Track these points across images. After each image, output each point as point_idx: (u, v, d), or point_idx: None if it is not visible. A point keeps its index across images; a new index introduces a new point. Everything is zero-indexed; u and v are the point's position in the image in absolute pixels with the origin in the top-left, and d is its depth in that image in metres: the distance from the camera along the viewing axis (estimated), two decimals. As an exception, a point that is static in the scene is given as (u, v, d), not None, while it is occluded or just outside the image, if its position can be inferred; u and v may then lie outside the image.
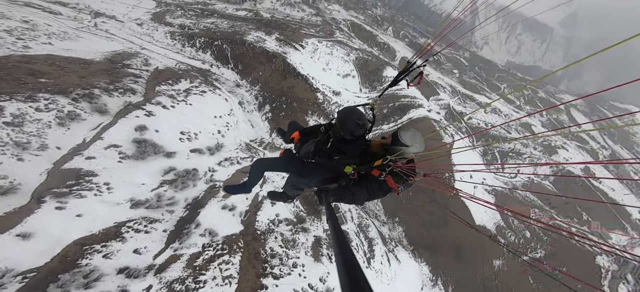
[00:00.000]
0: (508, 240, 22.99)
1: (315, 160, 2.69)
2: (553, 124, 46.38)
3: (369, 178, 2.49)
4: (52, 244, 10.06)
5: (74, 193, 11.82)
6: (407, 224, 23.81)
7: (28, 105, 14.20)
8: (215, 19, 40.62)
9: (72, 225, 10.86)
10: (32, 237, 9.87)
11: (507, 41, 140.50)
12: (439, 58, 54.88)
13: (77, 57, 22.60)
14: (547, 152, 34.37)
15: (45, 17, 28.11)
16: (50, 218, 10.63)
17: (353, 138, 2.50)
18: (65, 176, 12.36)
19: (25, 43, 22.05)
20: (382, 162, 2.32)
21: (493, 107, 38.14)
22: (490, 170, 28.96)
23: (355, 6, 69.11)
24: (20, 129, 12.90)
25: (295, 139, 3.20)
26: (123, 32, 31.84)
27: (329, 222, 1.38)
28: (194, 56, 32.98)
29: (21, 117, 13.41)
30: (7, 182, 11.07)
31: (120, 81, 20.77)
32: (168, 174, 15.55)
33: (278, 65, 32.09)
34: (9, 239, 9.51)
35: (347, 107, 2.60)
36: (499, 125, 33.22)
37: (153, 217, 13.09)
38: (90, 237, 10.85)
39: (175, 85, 23.80)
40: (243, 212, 16.38)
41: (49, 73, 17.96)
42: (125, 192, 13.19)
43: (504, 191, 27.38)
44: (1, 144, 12.01)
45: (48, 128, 13.77)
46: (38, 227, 10.18)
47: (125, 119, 16.97)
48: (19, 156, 12.07)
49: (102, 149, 14.36)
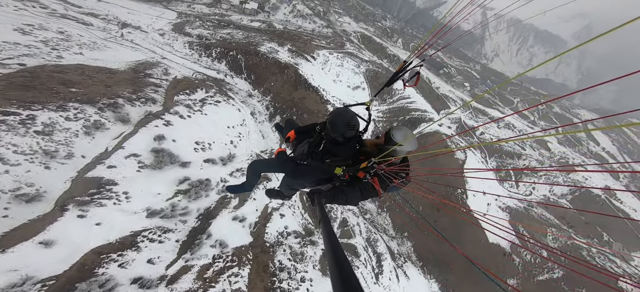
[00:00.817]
0: (523, 259, 21.70)
1: (308, 162, 2.63)
2: (570, 142, 44.22)
3: (361, 179, 2.43)
4: (72, 252, 10.24)
5: (95, 202, 12.09)
6: (416, 239, 23.03)
7: (59, 114, 14.85)
8: (231, 30, 41.85)
9: (91, 233, 11.05)
10: (54, 244, 10.09)
11: (518, 53, 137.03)
12: (449, 71, 54.03)
13: (104, 67, 23.69)
14: (563, 171, 32.73)
15: (78, 28, 29.84)
16: (72, 226, 10.87)
17: (344, 140, 2.44)
18: (88, 184, 12.70)
19: (59, 53, 23.37)
20: (367, 165, 2.28)
21: (506, 122, 36.81)
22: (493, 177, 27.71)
23: (366, 19, 69.59)
24: (49, 138, 13.44)
25: (291, 138, 3.15)
26: (146, 42, 33.28)
27: (321, 224, 1.34)
28: (209, 66, 33.93)
29: (51, 126, 14.00)
30: (32, 190, 11.46)
31: (142, 90, 21.52)
32: (182, 183, 15.73)
33: (290, 76, 32.44)
34: (31, 247, 9.76)
35: (338, 108, 2.52)
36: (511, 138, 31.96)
37: (167, 227, 13.18)
38: (107, 246, 10.99)
39: (192, 95, 24.41)
40: (253, 223, 16.27)
41: (79, 83, 18.84)
42: (142, 201, 13.39)
43: (518, 208, 26.11)
44: (30, 152, 12.52)
45: (75, 137, 14.30)
46: (60, 235, 10.42)
47: (146, 128, 17.44)
48: (46, 164, 12.53)
49: (122, 158, 14.73)
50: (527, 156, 31.90)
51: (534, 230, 23.56)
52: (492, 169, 28.71)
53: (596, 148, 46.96)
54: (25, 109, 14.30)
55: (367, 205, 25.13)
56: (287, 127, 3.59)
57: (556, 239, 22.92)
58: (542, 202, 27.86)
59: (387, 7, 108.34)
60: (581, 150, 43.11)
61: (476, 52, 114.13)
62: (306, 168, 2.68)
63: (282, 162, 2.85)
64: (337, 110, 2.46)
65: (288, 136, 3.16)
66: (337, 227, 19.83)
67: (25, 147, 12.48)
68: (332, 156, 2.52)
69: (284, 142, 3.30)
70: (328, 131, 2.46)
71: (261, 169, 3.11)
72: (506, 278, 20.08)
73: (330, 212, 20.76)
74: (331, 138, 2.46)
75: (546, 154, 33.66)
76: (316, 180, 2.80)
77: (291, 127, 3.39)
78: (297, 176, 2.84)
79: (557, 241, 23.17)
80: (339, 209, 21.80)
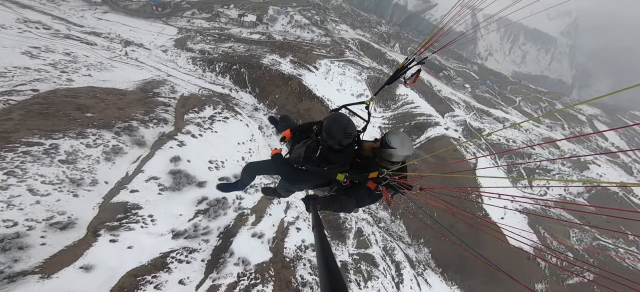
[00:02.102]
0: (549, 262, 20.94)
1: (305, 167, 2.59)
2: (579, 139, 45.16)
3: (359, 186, 2.43)
4: (110, 275, 10.95)
5: (124, 226, 12.83)
6: (433, 245, 23.39)
7: (79, 141, 15.65)
8: (232, 43, 43.22)
9: (125, 257, 11.77)
10: (93, 269, 10.80)
11: (511, 51, 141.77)
12: (449, 73, 55.89)
13: (113, 88, 24.59)
14: (577, 169, 32.86)
15: (83, 48, 30.80)
16: (106, 251, 11.60)
17: (341, 148, 2.39)
18: (114, 209, 13.45)
19: (68, 76, 24.24)
20: (379, 176, 2.26)
21: (512, 122, 37.93)
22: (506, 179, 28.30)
23: (362, 25, 71.98)
24: (74, 166, 14.22)
25: (286, 137, 3.09)
26: (151, 60, 34.32)
27: (314, 230, 1.34)
28: (214, 81, 35.02)
29: (74, 154, 14.79)
30: (64, 218, 12.19)
31: (153, 111, 22.41)
32: (201, 203, 16.52)
33: (294, 87, 33.69)
34: (73, 272, 10.46)
35: (334, 114, 2.44)
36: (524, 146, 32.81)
37: (192, 247, 13.92)
38: (141, 268, 11.71)
39: (200, 113, 25.36)
40: (271, 239, 17.05)
41: (93, 107, 19.69)
42: (166, 223, 14.15)
43: (536, 210, 25.41)
44: (58, 181, 13.27)
45: (97, 163, 15.09)
46: (97, 260, 11.13)
47: (161, 150, 18.28)
48: (74, 192, 13.28)
49: (143, 181, 15.52)
50: (537, 155, 32.08)
51: (556, 231, 22.92)
52: (488, 163, 29.57)
53: (605, 143, 48.15)
54: (47, 138, 15.09)
55: (381, 213, 25.99)
56: (282, 123, 3.53)
57: (580, 240, 22.19)
58: (559, 201, 26.93)
59: (379, 12, 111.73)
60: (590, 146, 43.67)
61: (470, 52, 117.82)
62: (303, 173, 2.63)
63: (278, 165, 2.79)
64: (333, 115, 2.41)
65: (283, 135, 3.10)
66: (352, 238, 20.63)
67: (52, 177, 13.24)
68: (328, 162, 2.46)
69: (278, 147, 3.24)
70: (324, 138, 2.38)
71: (257, 171, 3.07)
72: (533, 283, 19.54)
73: (345, 222, 21.59)
74: (327, 145, 2.40)
75: (556, 153, 34.36)
76: (314, 184, 2.80)
77: (286, 124, 3.35)
78: (294, 179, 2.80)
79: (581, 242, 22.44)
80: (353, 218, 22.65)
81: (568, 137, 39.45)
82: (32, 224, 11.14)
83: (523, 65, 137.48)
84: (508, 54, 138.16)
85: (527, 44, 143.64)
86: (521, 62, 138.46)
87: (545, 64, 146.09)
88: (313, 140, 2.67)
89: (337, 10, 75.22)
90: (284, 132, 3.11)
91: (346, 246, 19.80)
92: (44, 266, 10.24)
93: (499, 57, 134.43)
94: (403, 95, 36.64)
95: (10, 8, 33.30)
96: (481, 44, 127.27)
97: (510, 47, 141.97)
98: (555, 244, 22.40)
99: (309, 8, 62.95)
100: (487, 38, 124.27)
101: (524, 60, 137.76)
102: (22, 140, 14.10)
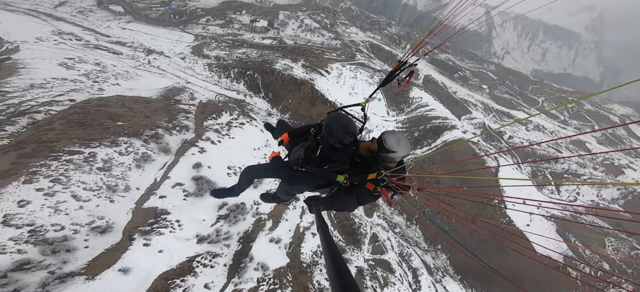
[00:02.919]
0: (581, 272, 19.83)
1: (306, 168, 2.60)
2: (610, 141, 42.23)
3: (360, 185, 2.44)
4: (144, 278, 11.86)
5: (155, 231, 13.80)
6: (451, 251, 22.91)
7: (113, 149, 16.93)
8: (245, 49, 44.49)
9: (157, 260, 12.68)
10: (130, 272, 11.75)
11: (530, 49, 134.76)
12: (464, 74, 54.18)
13: (139, 96, 26.19)
14: (610, 173, 30.75)
15: (111, 58, 32.98)
16: (141, 254, 12.55)
17: (342, 147, 2.41)
18: (146, 214, 14.47)
19: (100, 86, 26.11)
20: (377, 177, 2.27)
21: (536, 123, 36.02)
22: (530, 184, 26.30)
23: (371, 27, 71.44)
24: (109, 173, 15.42)
25: (284, 141, 3.08)
26: (171, 67, 36.13)
27: (319, 231, 1.35)
28: (229, 87, 36.28)
29: (109, 162, 16.03)
30: (103, 222, 13.30)
31: (176, 118, 23.67)
32: (222, 209, 17.32)
33: (306, 92, 34.21)
34: (113, 274, 11.44)
35: (335, 114, 2.49)
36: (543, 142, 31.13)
37: (215, 252, 14.70)
38: (171, 272, 12.57)
39: (218, 119, 26.44)
40: (287, 244, 17.59)
41: (123, 115, 21.14)
42: (191, 228, 15.03)
43: (565, 216, 24.31)
44: (97, 188, 14.47)
45: (129, 170, 16.26)
46: (133, 263, 12.09)
47: (185, 157, 19.34)
48: (110, 198, 14.43)
49: (170, 187, 16.54)
50: (564, 160, 30.17)
51: (589, 239, 21.77)
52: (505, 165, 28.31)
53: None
54: (86, 146, 16.45)
55: (396, 218, 25.88)
56: (278, 128, 3.51)
57: (617, 250, 20.98)
58: (592, 206, 25.45)
59: (388, 13, 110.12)
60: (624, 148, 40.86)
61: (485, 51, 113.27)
62: (304, 174, 2.63)
63: (278, 167, 2.81)
64: (334, 115, 2.45)
65: (281, 139, 3.10)
66: (367, 243, 20.78)
67: (92, 184, 14.45)
68: (329, 161, 2.48)
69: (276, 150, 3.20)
70: (325, 137, 2.41)
71: (256, 175, 3.05)
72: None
73: (360, 227, 21.77)
74: (329, 144, 2.41)
75: (586, 156, 32.35)
76: (314, 185, 2.79)
77: (284, 129, 3.30)
78: (294, 181, 2.80)
79: (618, 252, 21.27)
80: (368, 223, 22.79)
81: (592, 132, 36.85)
82: (76, 228, 12.28)
83: (543, 63, 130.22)
84: (526, 52, 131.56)
85: (547, 41, 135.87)
86: (541, 60, 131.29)
87: (568, 61, 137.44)
88: (312, 141, 2.67)
89: (346, 13, 75.13)
90: (281, 136, 3.10)
91: (361, 251, 19.98)
92: (88, 267, 11.28)
93: (516, 56, 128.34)
94: (417, 98, 36.11)
95: (46, 21, 36.23)
96: (497, 42, 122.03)
97: (529, 44, 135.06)
98: (588, 253, 21.12)
99: (318, 12, 63.39)
100: (503, 36, 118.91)
101: (544, 58, 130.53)
102: (64, 149, 15.49)
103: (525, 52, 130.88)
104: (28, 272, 10.03)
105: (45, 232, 11.43)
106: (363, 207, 25.45)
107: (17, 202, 11.95)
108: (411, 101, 35.90)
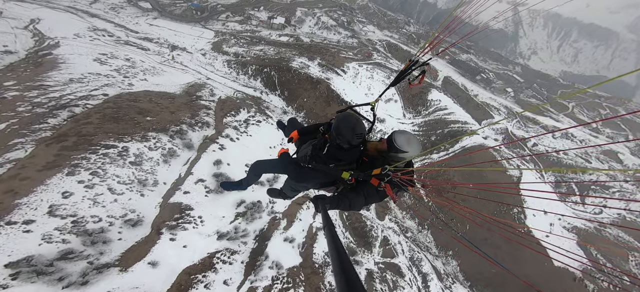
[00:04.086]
0: (598, 286, 18.78)
1: (312, 165, 2.59)
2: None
3: (366, 184, 2.41)
4: (170, 272, 12.43)
5: (180, 226, 14.34)
6: (462, 257, 22.32)
7: (143, 144, 17.62)
8: (263, 46, 44.30)
9: (181, 255, 13.22)
10: (158, 265, 12.34)
11: (560, 49, 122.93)
12: (487, 76, 50.56)
13: (165, 92, 27.00)
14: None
15: (139, 53, 34.14)
16: (167, 249, 13.12)
17: (350, 147, 2.39)
18: (172, 209, 15.05)
19: (129, 81, 27.17)
20: (381, 172, 2.25)
21: (564, 131, 33.09)
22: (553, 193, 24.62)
23: (389, 26, 68.30)
24: (140, 168, 16.10)
25: (294, 138, 3.08)
26: (193, 63, 36.86)
27: (325, 229, 1.33)
28: (247, 84, 36.49)
29: (140, 157, 16.71)
30: (135, 216, 13.97)
31: (198, 115, 24.22)
32: (240, 206, 17.68)
33: (322, 91, 33.65)
34: (144, 267, 12.06)
35: (345, 114, 2.46)
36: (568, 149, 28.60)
37: (233, 249, 15.10)
38: (193, 267, 13.07)
39: (237, 116, 26.75)
40: (301, 244, 17.73)
41: (151, 111, 21.91)
42: (212, 224, 15.48)
43: (588, 229, 22.87)
44: (129, 181, 15.16)
45: (157, 165, 16.89)
46: (160, 257, 12.68)
47: (206, 153, 19.80)
48: (141, 191, 15.09)
49: (193, 183, 17.04)
50: (593, 171, 28.24)
51: (612, 253, 20.49)
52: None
53: None
54: (120, 141, 17.24)
55: (407, 222, 25.35)
56: (289, 126, 3.52)
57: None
58: (617, 222, 23.80)
59: (406, 11, 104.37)
60: None
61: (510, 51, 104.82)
62: (310, 171, 2.65)
63: (285, 163, 2.81)
64: (343, 115, 2.42)
65: (291, 136, 3.09)
66: (378, 246, 20.53)
67: (125, 178, 15.16)
68: (336, 160, 2.47)
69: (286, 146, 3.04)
70: (333, 136, 2.40)
71: (264, 170, 3.07)
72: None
73: (371, 230, 21.53)
74: (336, 143, 2.40)
75: (618, 167, 29.74)
76: (320, 183, 2.79)
77: (294, 126, 3.31)
78: (300, 178, 2.82)
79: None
80: (379, 227, 22.48)
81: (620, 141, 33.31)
82: (112, 221, 13.00)
83: (574, 64, 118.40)
84: (556, 52, 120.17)
85: (581, 40, 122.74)
86: (572, 61, 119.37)
87: (604, 62, 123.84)
88: (320, 139, 2.66)
89: (363, 10, 72.18)
90: (291, 134, 3.09)
91: (372, 254, 19.77)
92: (121, 259, 11.96)
93: (544, 56, 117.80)
94: (436, 101, 34.35)
95: (83, 18, 37.93)
96: (524, 42, 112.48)
97: (559, 44, 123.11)
98: (610, 266, 19.71)
99: (335, 9, 61.38)
100: (531, 35, 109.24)
101: (576, 59, 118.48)
102: (101, 143, 16.31)
103: (554, 52, 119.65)
104: (71, 261, 10.77)
105: (85, 223, 12.18)
106: (375, 210, 25.08)
107: (62, 193, 12.77)
108: (429, 104, 34.23)
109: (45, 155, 14.37)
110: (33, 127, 16.04)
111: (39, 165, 13.54)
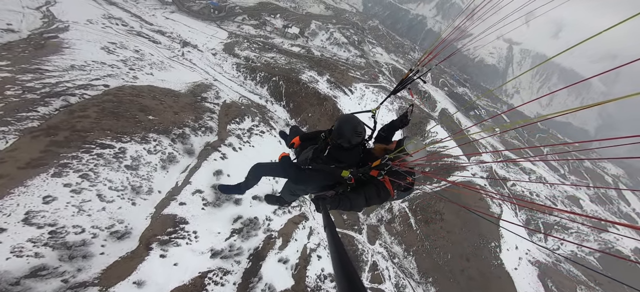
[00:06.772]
0: None
1: (312, 166, 2.52)
2: (601, 199, 41.02)
3: (367, 184, 2.37)
4: (155, 295, 10.84)
5: (173, 241, 12.77)
6: (440, 285, 22.13)
7: (142, 147, 15.90)
8: (274, 54, 43.04)
9: (171, 274, 11.66)
10: (144, 285, 10.74)
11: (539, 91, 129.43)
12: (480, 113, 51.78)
13: (170, 89, 25.15)
14: (595, 230, 30.94)
15: (150, 46, 32.00)
16: (156, 266, 11.53)
17: (350, 146, 2.34)
18: (165, 222, 13.44)
19: (134, 73, 25.14)
20: (381, 162, 2.23)
21: (539, 174, 34.92)
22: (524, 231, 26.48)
23: (396, 50, 69.03)
24: (136, 173, 14.41)
25: (295, 144, 3.00)
26: (202, 62, 35.02)
27: (326, 230, 1.29)
28: (253, 90, 35.02)
29: (138, 160, 15.00)
30: (123, 227, 12.29)
31: (202, 118, 22.58)
32: (236, 222, 16.24)
33: (328, 109, 32.71)
34: (127, 287, 10.44)
35: (346, 115, 2.42)
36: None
37: (226, 269, 13.63)
38: (183, 288, 11.54)
39: (240, 124, 25.28)
40: (294, 265, 16.45)
41: (154, 109, 20.11)
42: (207, 240, 13.97)
43: (547, 263, 24.85)
44: (122, 188, 13.46)
45: (154, 171, 15.23)
46: (148, 276, 11.08)
47: (207, 161, 18.25)
48: (133, 200, 13.41)
49: (190, 194, 15.47)
50: (557, 213, 30.70)
51: (564, 286, 22.62)
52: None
53: (626, 208, 43.20)
54: (118, 140, 15.45)
55: (395, 248, 24.64)
56: (291, 133, 3.45)
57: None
58: (570, 257, 26.46)
59: (411, 36, 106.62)
60: (611, 208, 40.15)
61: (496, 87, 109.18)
62: (310, 172, 2.57)
63: (285, 166, 2.72)
64: (346, 116, 2.38)
65: (292, 142, 3.01)
66: (367, 271, 19.62)
67: (118, 183, 13.44)
68: (336, 161, 2.43)
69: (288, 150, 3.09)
70: (334, 137, 2.37)
71: (264, 173, 2.93)
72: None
73: (362, 255, 20.60)
74: (337, 144, 2.37)
75: (578, 211, 32.00)
76: (319, 185, 2.70)
77: (296, 133, 3.24)
78: (300, 181, 2.71)
79: None
80: (369, 251, 21.57)
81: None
82: (96, 232, 11.30)
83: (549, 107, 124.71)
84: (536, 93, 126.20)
85: (560, 84, 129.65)
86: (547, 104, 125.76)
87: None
88: (321, 143, 2.64)
89: (373, 32, 72.69)
90: (293, 139, 3.02)
91: (361, 278, 18.83)
92: (102, 277, 10.29)
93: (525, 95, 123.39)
94: (433, 133, 34.37)
95: (101, 5, 35.36)
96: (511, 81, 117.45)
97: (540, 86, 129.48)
98: None
99: (348, 27, 61.28)
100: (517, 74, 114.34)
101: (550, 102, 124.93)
102: (97, 142, 14.49)
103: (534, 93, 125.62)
104: (42, 279, 9.05)
105: (65, 234, 10.46)
106: (366, 234, 24.27)
107: (43, 197, 10.96)
108: (427, 135, 34.16)
109: (30, 149, 12.46)
110: (19, 114, 13.96)
111: (21, 161, 11.65)
